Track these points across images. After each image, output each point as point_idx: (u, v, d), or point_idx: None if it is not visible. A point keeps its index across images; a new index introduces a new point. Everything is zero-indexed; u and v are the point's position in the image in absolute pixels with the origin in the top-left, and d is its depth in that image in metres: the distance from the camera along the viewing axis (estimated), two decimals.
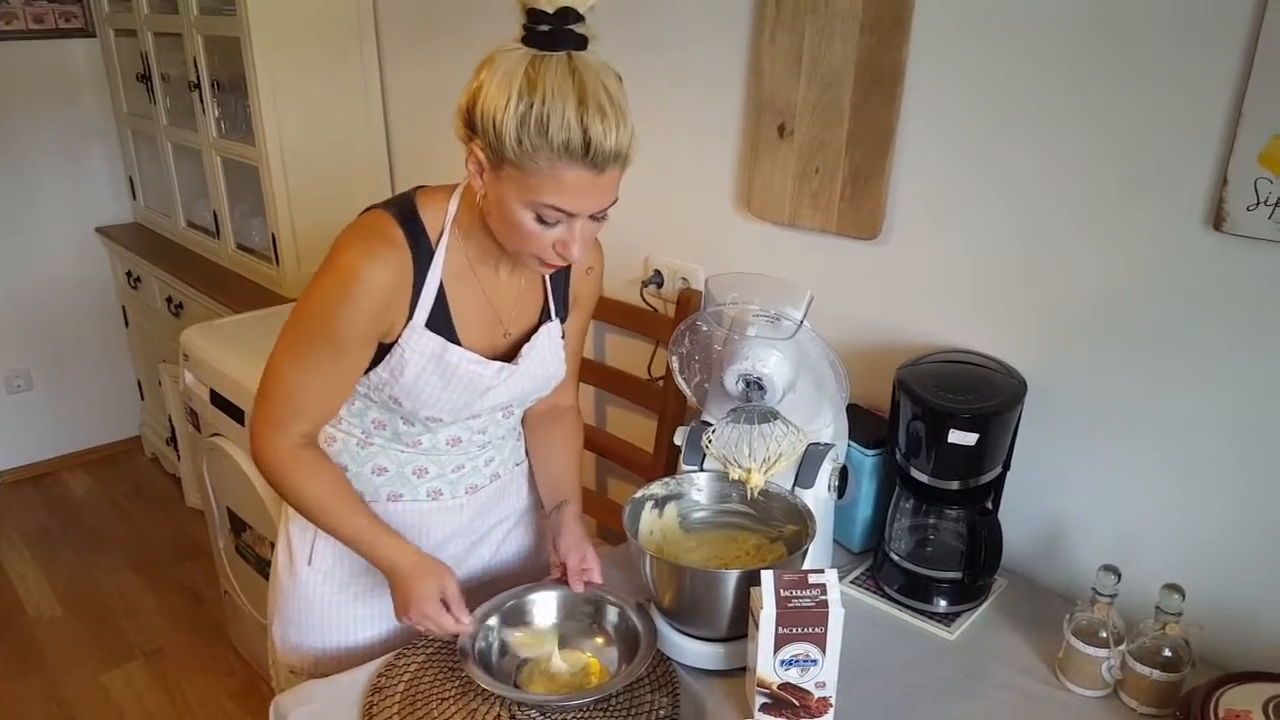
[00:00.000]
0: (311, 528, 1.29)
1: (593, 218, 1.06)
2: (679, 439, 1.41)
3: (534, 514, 1.49)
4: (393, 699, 1.16)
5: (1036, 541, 1.45)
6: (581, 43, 0.99)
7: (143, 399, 3.62)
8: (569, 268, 1.25)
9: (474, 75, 1.02)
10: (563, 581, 1.28)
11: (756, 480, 1.28)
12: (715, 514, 1.36)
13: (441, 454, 1.28)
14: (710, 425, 1.36)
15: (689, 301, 1.83)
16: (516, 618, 1.25)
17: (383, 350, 1.16)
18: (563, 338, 1.29)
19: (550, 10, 0.96)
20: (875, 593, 1.41)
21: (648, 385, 1.98)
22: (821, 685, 1.10)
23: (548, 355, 1.27)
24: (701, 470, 1.37)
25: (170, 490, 3.42)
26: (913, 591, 1.37)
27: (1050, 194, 1.32)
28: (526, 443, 1.43)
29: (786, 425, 1.28)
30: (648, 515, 1.32)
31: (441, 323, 1.17)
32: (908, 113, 1.44)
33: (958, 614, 1.35)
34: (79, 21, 3.21)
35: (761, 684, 1.10)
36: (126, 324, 3.51)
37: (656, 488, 1.33)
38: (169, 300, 2.99)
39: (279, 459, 1.19)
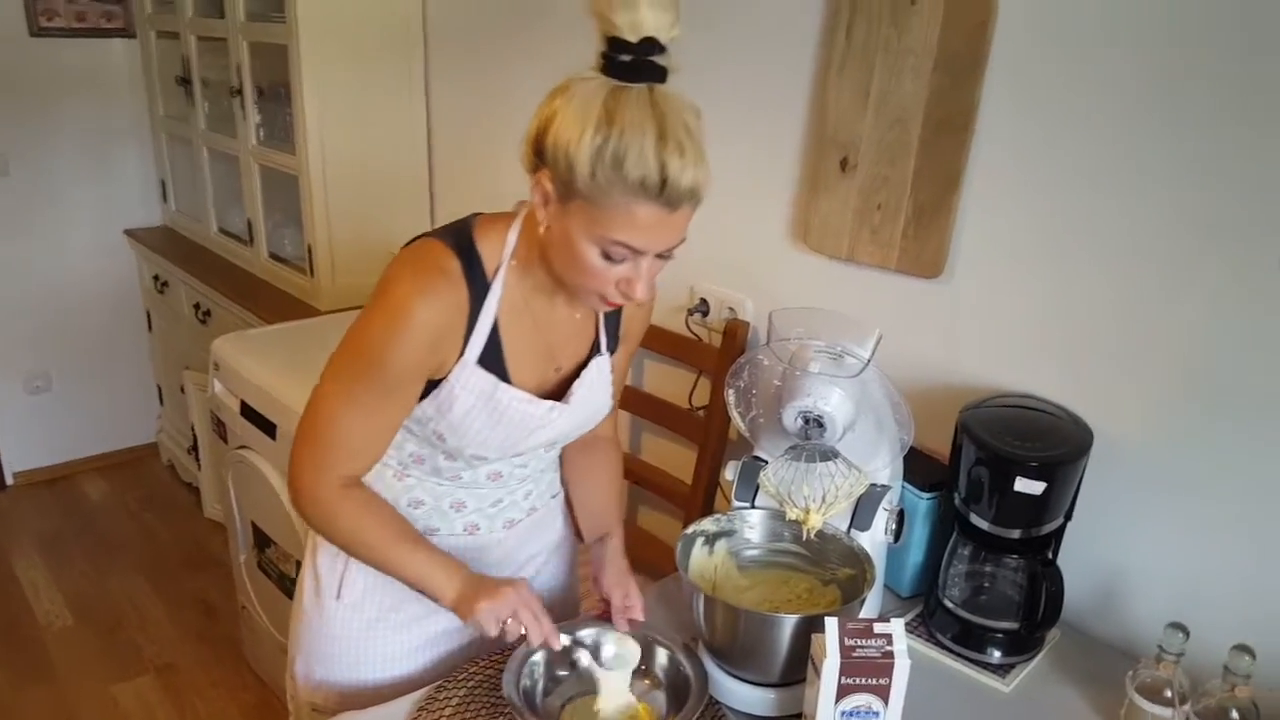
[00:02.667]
0: (342, 558, 1.24)
1: (659, 256, 1.03)
2: (730, 474, 1.38)
3: (567, 545, 1.45)
4: None
5: (1094, 594, 1.41)
6: (662, 75, 0.95)
7: (161, 405, 3.59)
8: None
9: (546, 102, 0.98)
10: (605, 618, 1.23)
11: (815, 521, 1.25)
12: (767, 553, 1.32)
13: (481, 488, 1.24)
14: (764, 461, 1.33)
15: (736, 332, 1.81)
16: (563, 659, 1.19)
17: (430, 384, 1.11)
18: (610, 370, 1.26)
19: (634, 40, 0.92)
20: (927, 640, 1.37)
21: (688, 415, 1.95)
22: None
23: (597, 390, 1.23)
24: (754, 507, 1.33)
25: (186, 499, 3.39)
26: (966, 640, 1.34)
27: (1125, 241, 1.30)
28: (565, 474, 1.38)
29: (847, 465, 1.25)
30: (698, 551, 1.29)
31: (493, 360, 1.12)
32: (977, 152, 1.42)
33: (1012, 665, 1.32)
34: (120, 21, 3.22)
35: None
36: (150, 328, 3.49)
37: (708, 524, 1.30)
38: (197, 306, 2.97)
39: (327, 501, 1.13)
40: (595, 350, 1.23)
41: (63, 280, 3.34)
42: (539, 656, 1.18)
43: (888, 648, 1.04)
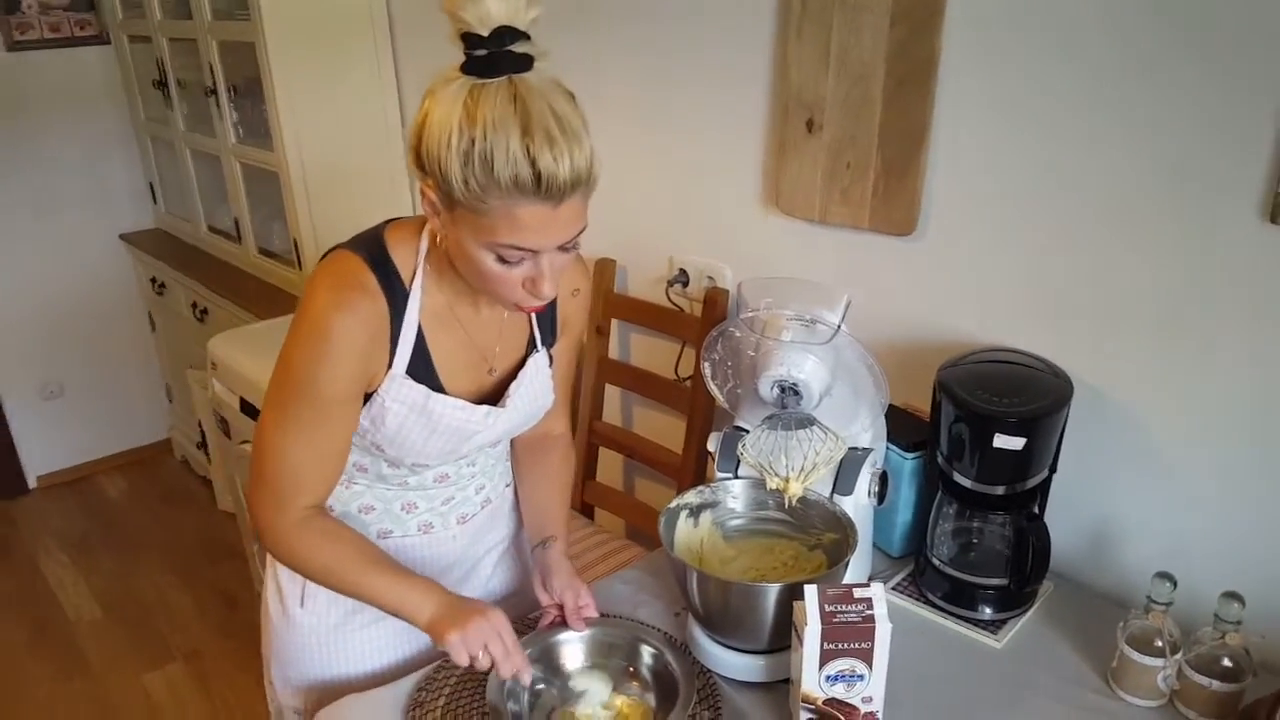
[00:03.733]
0: None
1: (562, 248, 0.97)
2: (712, 445, 1.39)
3: (522, 538, 1.42)
4: (433, 714, 1.15)
5: (1083, 545, 1.41)
6: (525, 63, 0.90)
7: (171, 403, 3.64)
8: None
9: (420, 107, 0.94)
10: (561, 622, 1.21)
11: (795, 489, 1.25)
12: (752, 522, 1.33)
13: (429, 489, 1.23)
14: (744, 431, 1.34)
15: (716, 301, 1.80)
16: (548, 662, 1.19)
17: (365, 397, 1.09)
18: (550, 364, 1.23)
19: (485, 33, 0.87)
20: (918, 599, 1.38)
21: (675, 386, 1.95)
22: (868, 700, 1.08)
23: (536, 388, 1.21)
24: (736, 478, 1.34)
25: (201, 492, 3.45)
26: (957, 598, 1.34)
27: (1096, 188, 1.28)
28: (514, 469, 1.37)
29: (824, 431, 1.25)
30: (683, 524, 1.30)
31: (422, 369, 1.09)
32: (943, 105, 1.40)
33: (1004, 621, 1.32)
34: (94, 29, 3.21)
35: (806, 699, 1.08)
36: (153, 329, 3.53)
37: (691, 496, 1.30)
38: (194, 306, 2.99)
39: (290, 537, 1.10)
40: (532, 347, 1.20)
41: (66, 289, 3.38)
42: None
43: (868, 611, 1.04)
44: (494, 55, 0.89)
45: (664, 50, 1.79)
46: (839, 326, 1.24)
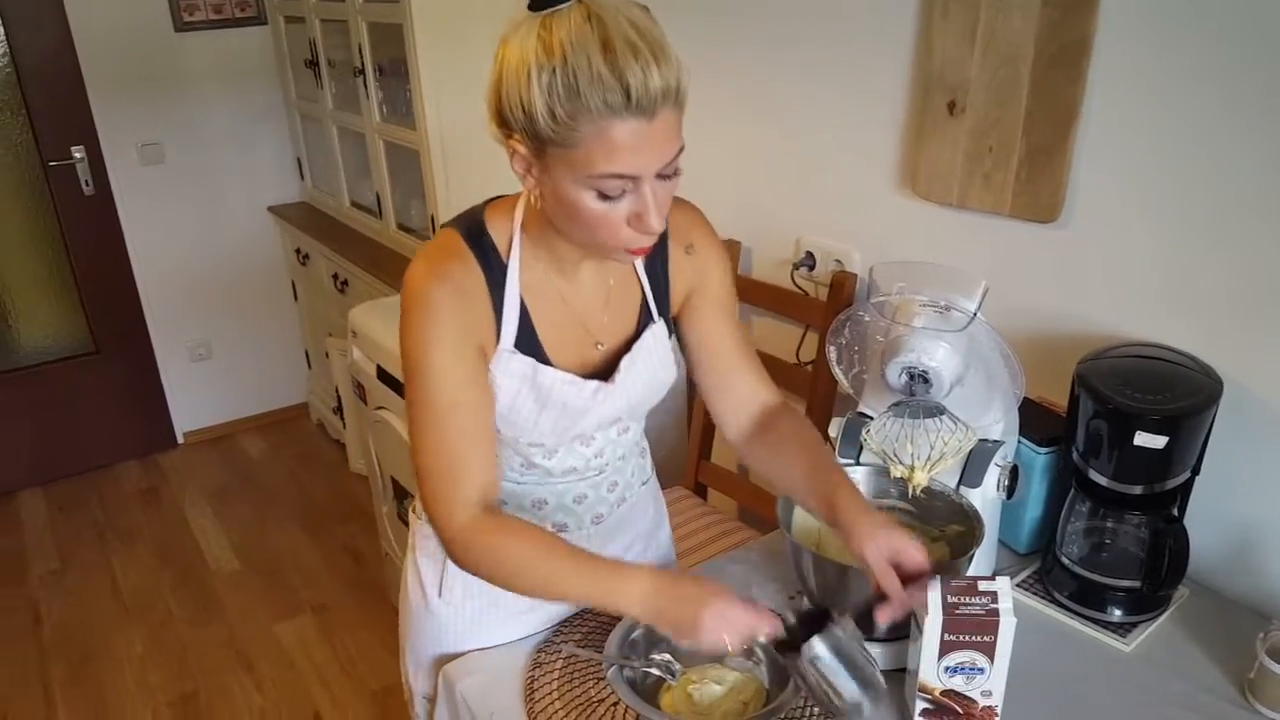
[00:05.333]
0: (440, 557, 1.21)
1: (661, 176, 0.92)
2: (834, 431, 1.38)
3: (660, 532, 1.40)
4: (552, 674, 1.19)
5: (1225, 551, 1.34)
6: None
7: (309, 368, 3.84)
8: (663, 258, 1.14)
9: (492, 64, 0.91)
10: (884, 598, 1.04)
11: (919, 479, 1.23)
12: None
13: (558, 483, 1.20)
14: (868, 418, 1.32)
15: (843, 285, 1.78)
16: (662, 635, 1.08)
17: None
18: (670, 335, 1.18)
19: None
20: (1044, 598, 1.34)
21: (796, 369, 1.94)
22: (988, 694, 1.06)
23: (654, 362, 1.15)
24: (859, 464, 1.33)
25: (334, 455, 3.63)
26: (1084, 599, 1.30)
27: (1253, 178, 1.21)
28: (761, 469, 1.24)
29: (954, 421, 1.23)
30: (801, 511, 1.29)
31: (529, 343, 1.07)
32: (1094, 88, 1.34)
33: (1134, 625, 1.27)
34: (252, 10, 3.40)
35: (923, 689, 1.07)
36: (295, 298, 3.73)
37: None
38: (335, 277, 3.14)
39: (467, 540, 1.05)
40: (648, 318, 1.16)
41: (217, 257, 3.60)
42: (639, 633, 1.14)
43: (992, 605, 1.03)
44: None
45: (797, 29, 1.78)
46: (975, 314, 1.21)
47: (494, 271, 1.05)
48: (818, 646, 0.98)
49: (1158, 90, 1.28)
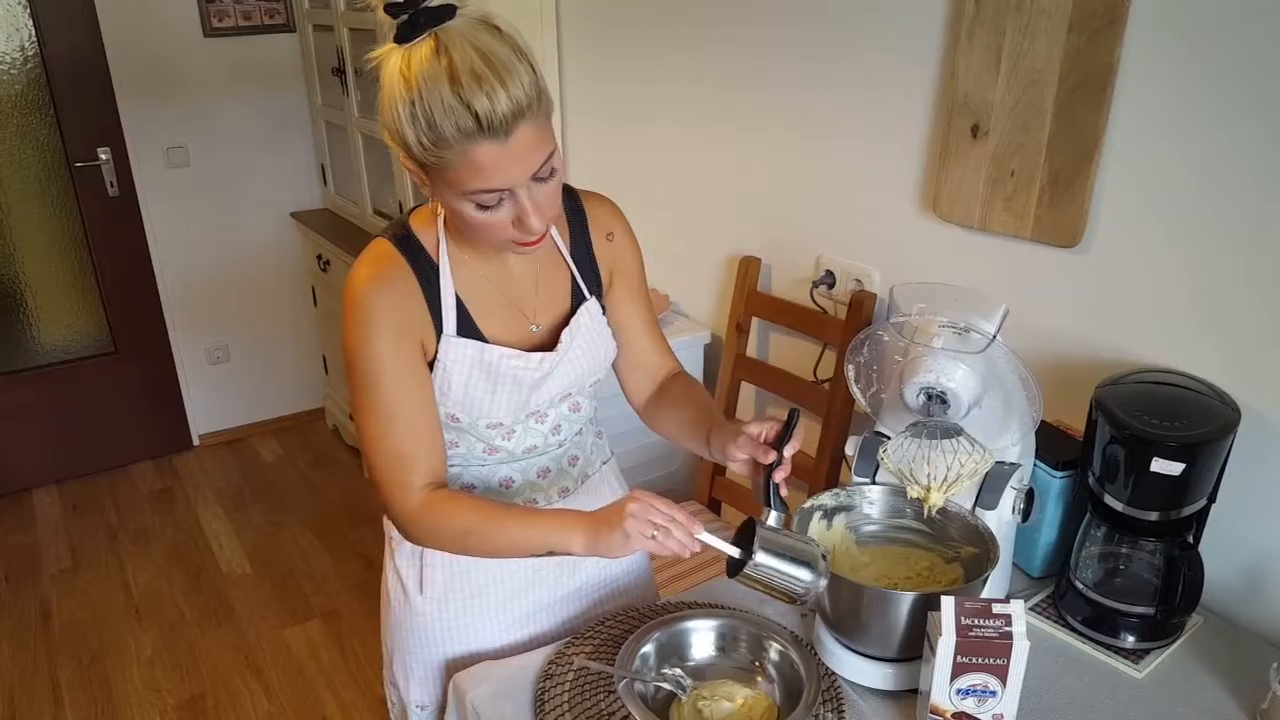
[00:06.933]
0: (418, 555, 1.27)
1: (537, 179, 0.99)
2: (850, 449, 1.38)
3: None
4: (563, 686, 1.19)
5: (1239, 580, 1.34)
6: (448, 13, 0.92)
7: (327, 374, 3.86)
8: (586, 243, 1.23)
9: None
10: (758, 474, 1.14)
11: (936, 499, 1.24)
12: (887, 529, 1.32)
13: (520, 460, 1.25)
14: (885, 437, 1.32)
15: (862, 304, 1.79)
16: (673, 650, 1.19)
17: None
18: (604, 313, 1.25)
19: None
20: (1057, 622, 1.34)
21: (813, 387, 1.95)
22: (999, 717, 1.06)
23: (594, 335, 1.23)
24: (874, 483, 1.33)
25: (349, 460, 3.65)
26: (1098, 624, 1.30)
27: (1277, 209, 1.21)
28: (657, 428, 1.35)
29: (971, 443, 1.23)
30: (816, 525, 1.30)
31: (469, 329, 1.14)
32: (1118, 115, 1.35)
33: (1147, 651, 1.27)
34: (281, 18, 3.45)
35: (935, 710, 1.07)
36: (315, 303, 3.75)
37: (826, 498, 1.30)
38: None
39: (417, 517, 1.13)
40: (580, 297, 1.23)
41: (238, 261, 3.64)
42: (651, 647, 1.18)
43: (1006, 628, 1.03)
44: (413, 17, 0.92)
45: (822, 50, 1.79)
46: (994, 336, 1.21)
47: (425, 270, 1.12)
48: (759, 555, 1.05)
49: (1183, 118, 1.29)
